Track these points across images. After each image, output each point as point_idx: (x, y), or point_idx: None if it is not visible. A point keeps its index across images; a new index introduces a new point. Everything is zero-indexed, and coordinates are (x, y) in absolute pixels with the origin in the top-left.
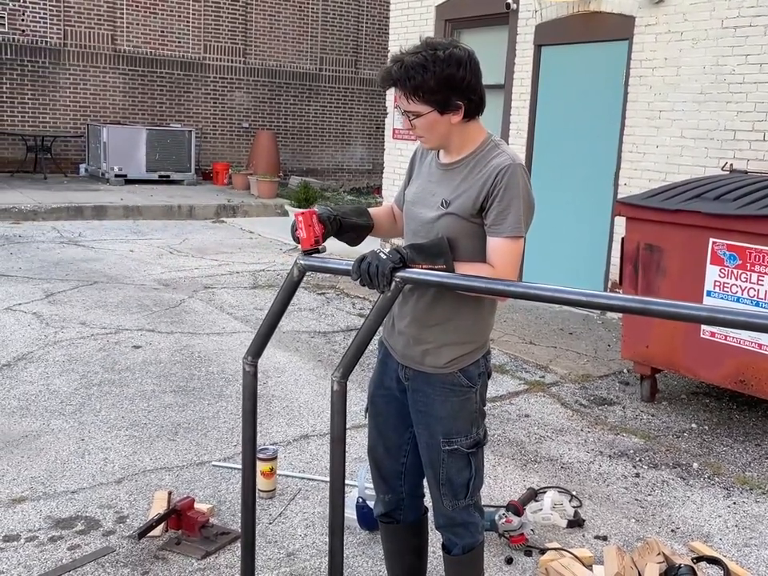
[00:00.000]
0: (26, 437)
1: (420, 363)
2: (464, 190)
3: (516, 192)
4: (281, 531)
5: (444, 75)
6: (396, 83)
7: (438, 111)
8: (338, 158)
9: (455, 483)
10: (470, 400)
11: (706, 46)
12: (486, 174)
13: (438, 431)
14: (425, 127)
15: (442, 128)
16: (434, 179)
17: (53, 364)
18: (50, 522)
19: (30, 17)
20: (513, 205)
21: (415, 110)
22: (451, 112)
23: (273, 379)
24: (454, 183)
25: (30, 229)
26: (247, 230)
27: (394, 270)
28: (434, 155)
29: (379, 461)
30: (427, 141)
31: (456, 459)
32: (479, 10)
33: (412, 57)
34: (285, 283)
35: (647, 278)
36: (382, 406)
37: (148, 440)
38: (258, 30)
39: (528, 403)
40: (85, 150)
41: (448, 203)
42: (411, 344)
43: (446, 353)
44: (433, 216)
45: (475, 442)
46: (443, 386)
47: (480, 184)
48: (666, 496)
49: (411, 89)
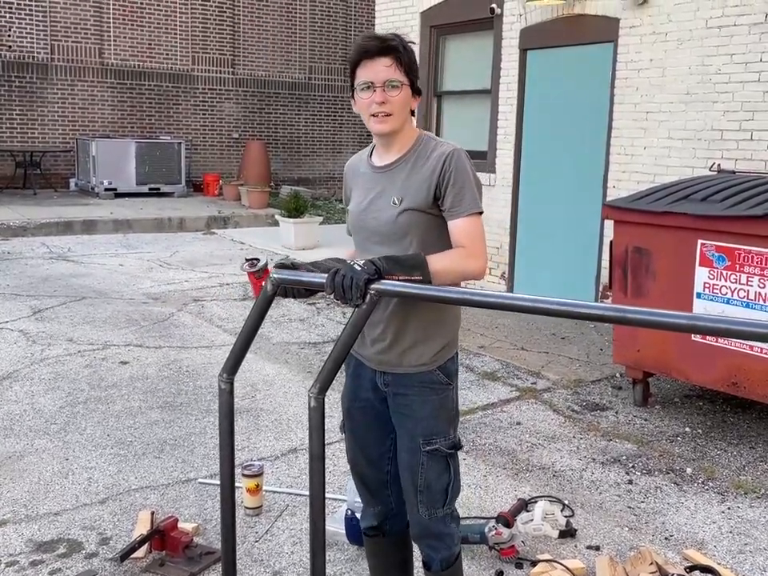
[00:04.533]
0: (8, 458)
1: (398, 365)
2: (413, 184)
3: (466, 175)
4: (267, 549)
5: (414, 59)
6: (394, 49)
7: (412, 89)
8: (329, 167)
9: (433, 489)
10: (447, 398)
11: (691, 46)
12: (431, 164)
13: (419, 433)
14: (401, 102)
15: (407, 109)
16: (375, 184)
17: (38, 382)
18: (32, 545)
19: (17, 32)
20: (466, 186)
21: (400, 79)
22: (416, 96)
23: (261, 392)
24: (399, 180)
25: (18, 245)
26: (238, 241)
27: (368, 282)
28: (367, 163)
29: (363, 474)
30: (394, 119)
31: (435, 462)
32: (464, 15)
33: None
34: (258, 299)
35: (637, 281)
36: (360, 417)
37: (133, 458)
38: (246, 41)
39: (520, 410)
40: (74, 164)
41: (401, 200)
42: (387, 349)
43: (423, 350)
44: (389, 216)
45: (453, 443)
46: (422, 385)
47: (428, 175)
48: (660, 503)
49: (406, 60)
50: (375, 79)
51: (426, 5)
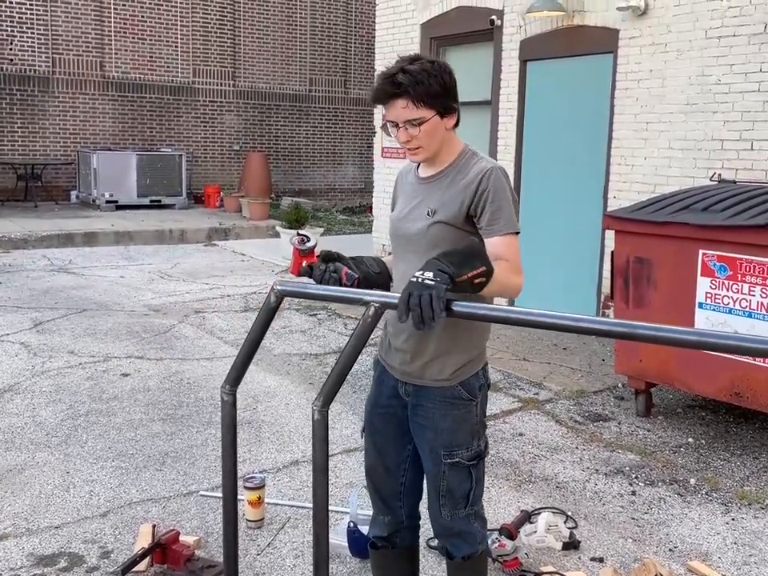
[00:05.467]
0: (9, 471)
1: (420, 378)
2: (449, 197)
3: (503, 193)
4: (269, 563)
5: (443, 80)
6: (406, 90)
7: (440, 114)
8: (329, 178)
9: (455, 494)
10: (470, 413)
11: (691, 56)
12: (468, 180)
13: (439, 444)
14: (428, 133)
15: (440, 134)
16: (417, 194)
17: (39, 395)
18: (33, 559)
19: (19, 46)
20: (504, 204)
21: (421, 116)
22: (449, 116)
23: (263, 404)
24: (438, 193)
25: (20, 257)
26: (239, 253)
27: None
28: (414, 173)
29: (378, 481)
30: (424, 150)
31: (457, 472)
32: (464, 27)
33: (411, 65)
34: (262, 310)
35: (638, 291)
36: (380, 424)
37: (135, 471)
38: (246, 53)
39: (522, 421)
40: (75, 176)
41: (434, 212)
42: (410, 360)
43: (446, 365)
44: (421, 226)
45: (476, 454)
46: (444, 400)
47: (464, 190)
48: (663, 514)
49: (421, 93)
50: (396, 119)
51: (426, 17)
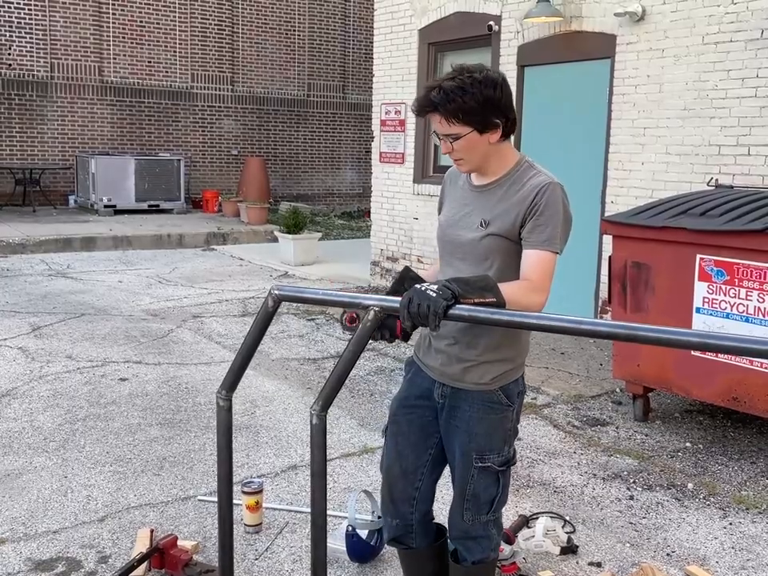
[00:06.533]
0: (7, 475)
1: (460, 380)
2: (503, 209)
3: (556, 209)
4: (267, 567)
5: (483, 95)
6: (436, 108)
7: (478, 131)
8: (328, 183)
9: (480, 499)
10: (506, 418)
11: (688, 62)
12: (524, 193)
13: (472, 448)
14: (465, 149)
15: (481, 148)
16: (468, 201)
17: (37, 399)
18: (30, 564)
19: (17, 50)
20: (551, 221)
21: (455, 132)
22: (490, 131)
23: (261, 409)
24: (491, 203)
25: (17, 262)
26: (237, 257)
27: (447, 309)
28: (466, 178)
29: (393, 483)
30: (466, 162)
31: (486, 476)
32: (461, 32)
33: (449, 81)
34: (259, 315)
35: (636, 296)
36: (405, 425)
37: (132, 475)
38: (245, 58)
39: (520, 426)
40: (74, 181)
41: (487, 223)
42: (451, 362)
43: (488, 370)
44: (474, 237)
45: (506, 459)
46: (482, 404)
47: (519, 203)
48: (661, 518)
49: (452, 111)
50: (438, 131)
51: (424, 22)
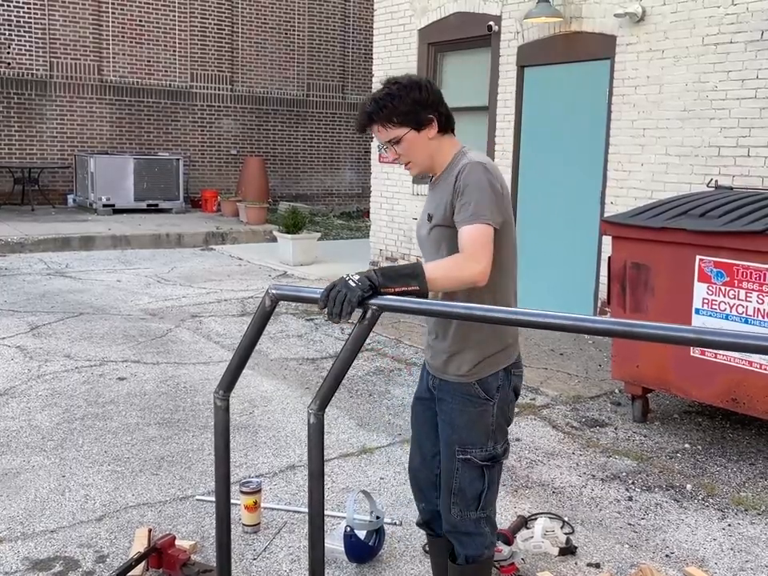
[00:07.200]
0: (5, 475)
1: (443, 372)
2: (440, 200)
3: (477, 185)
4: (265, 567)
5: (410, 97)
6: (372, 118)
7: (415, 129)
8: (327, 183)
9: (467, 494)
10: (486, 412)
11: (688, 63)
12: (450, 180)
13: (455, 440)
14: (408, 149)
15: (422, 145)
16: (427, 200)
17: (35, 399)
18: (28, 563)
19: (16, 49)
20: (473, 196)
21: (395, 135)
22: (426, 127)
23: (259, 408)
24: (436, 198)
25: (16, 261)
26: (236, 257)
27: (363, 299)
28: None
29: (416, 470)
30: (414, 165)
31: (469, 469)
32: (461, 33)
33: (379, 92)
34: (256, 314)
35: (635, 296)
36: (420, 416)
37: (131, 475)
38: (244, 58)
39: (519, 427)
40: (72, 180)
41: (431, 216)
42: (436, 355)
43: (463, 361)
44: (426, 231)
45: (491, 455)
46: (462, 396)
47: (448, 191)
48: (660, 519)
49: (386, 116)
50: (381, 141)
51: (424, 22)
